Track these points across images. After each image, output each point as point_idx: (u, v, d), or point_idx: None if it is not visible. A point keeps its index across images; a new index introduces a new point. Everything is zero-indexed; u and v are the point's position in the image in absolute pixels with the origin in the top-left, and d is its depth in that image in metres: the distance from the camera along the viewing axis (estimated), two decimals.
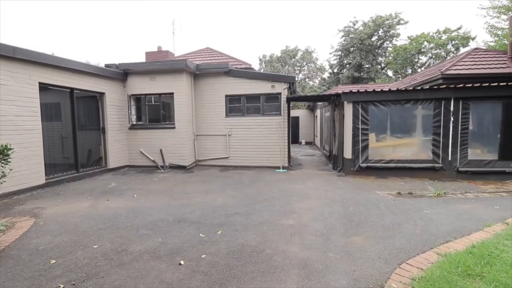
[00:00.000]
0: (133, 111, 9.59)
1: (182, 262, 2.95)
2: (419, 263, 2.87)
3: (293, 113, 20.67)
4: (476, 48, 11.33)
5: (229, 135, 9.54)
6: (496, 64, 9.34)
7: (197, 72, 9.37)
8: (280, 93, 9.15)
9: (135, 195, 5.85)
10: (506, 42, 9.84)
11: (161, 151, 9.13)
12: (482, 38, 32.04)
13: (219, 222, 4.17)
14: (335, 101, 8.87)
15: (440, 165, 7.14)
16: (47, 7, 52.80)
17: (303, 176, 7.85)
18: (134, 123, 9.58)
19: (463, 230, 3.70)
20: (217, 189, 6.39)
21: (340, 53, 30.57)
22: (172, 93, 9.01)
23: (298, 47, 36.16)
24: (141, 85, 9.25)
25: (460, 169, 7.03)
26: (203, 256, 3.10)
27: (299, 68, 36.50)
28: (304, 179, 7.40)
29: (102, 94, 8.50)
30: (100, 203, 5.31)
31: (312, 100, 16.12)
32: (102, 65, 9.47)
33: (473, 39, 22.84)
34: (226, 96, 9.53)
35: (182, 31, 51.97)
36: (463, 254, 2.98)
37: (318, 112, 16.30)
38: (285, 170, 8.81)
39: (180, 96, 8.95)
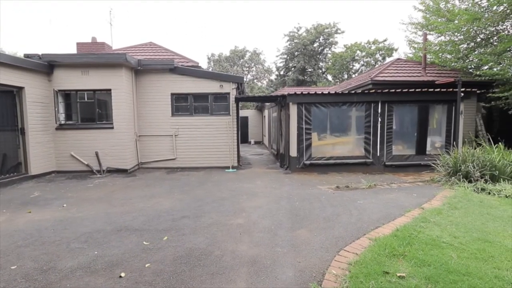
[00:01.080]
0: (61, 109, 8.44)
1: (122, 275, 2.72)
2: (355, 249, 3.18)
3: (242, 113, 20.88)
4: (398, 59, 13.11)
5: (175, 135, 9.13)
6: (413, 73, 10.97)
7: (139, 67, 8.73)
8: (228, 93, 9.14)
9: (65, 205, 5.16)
10: (421, 55, 11.63)
11: (97, 153, 8.24)
12: (403, 50, 37.20)
13: (165, 228, 3.96)
14: (281, 102, 9.25)
15: (371, 160, 8.07)
16: None
17: (252, 175, 7.99)
18: (63, 122, 8.44)
19: (389, 216, 4.23)
20: (163, 192, 6.06)
21: (286, 56, 32.00)
22: (110, 90, 8.21)
23: (247, 48, 36.68)
24: (71, 80, 8.19)
25: (386, 163, 8.05)
26: (147, 265, 2.90)
27: (247, 69, 37.03)
28: (253, 178, 7.54)
29: (20, 88, 7.27)
30: (19, 216, 4.54)
31: (260, 101, 16.53)
32: (21, 55, 8.09)
33: (396, 50, 26.40)
34: (172, 94, 9.11)
35: (121, 23, 47.75)
36: (389, 237, 3.41)
37: (266, 112, 16.79)
38: (235, 170, 8.85)
39: (119, 93, 8.22)
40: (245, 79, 34.63)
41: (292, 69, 31.50)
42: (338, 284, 2.49)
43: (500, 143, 6.82)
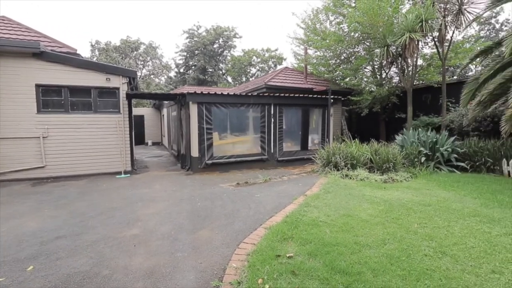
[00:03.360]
0: None
1: None
2: (253, 240, 3.43)
3: (137, 111, 18.89)
4: (286, 67, 14.95)
5: (44, 137, 7.34)
6: (298, 80, 12.75)
7: None
8: (118, 88, 8.06)
9: None
10: (303, 65, 13.65)
11: None
12: (290, 60, 42.72)
13: (30, 255, 3.12)
14: (181, 100, 8.91)
15: (266, 156, 8.89)
16: None
17: (149, 179, 7.35)
18: None
19: (281, 205, 4.77)
20: (27, 210, 4.76)
21: (185, 54, 31.06)
22: None
23: (141, 40, 33.33)
24: None
25: (279, 159, 9.06)
26: None
27: (142, 62, 33.76)
28: (151, 182, 6.96)
29: None
30: None
31: (157, 99, 15.42)
32: None
33: (285, 59, 30.09)
34: (38, 86, 7.27)
35: None
36: (280, 224, 3.85)
37: (165, 111, 15.79)
38: (128, 175, 7.91)
39: None
40: (139, 74, 31.48)
41: (193, 67, 30.91)
42: (238, 276, 2.62)
43: (356, 139, 8.83)
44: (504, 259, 2.85)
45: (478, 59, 8.25)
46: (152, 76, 34.15)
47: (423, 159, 7.57)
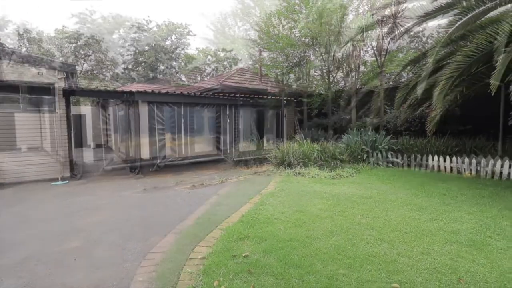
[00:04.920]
0: None
1: None
2: (208, 242, 3.37)
3: (77, 110, 17.02)
4: (241, 68, 15.04)
5: None
6: (253, 81, 12.92)
7: None
8: (53, 84, 7.17)
9: None
10: (258, 66, 13.88)
11: None
12: (246, 61, 43.01)
13: None
14: (129, 99, 8.30)
15: (223, 157, 8.84)
16: None
17: (93, 185, 6.69)
18: None
19: (238, 205, 4.77)
20: None
21: (134, 49, 29.06)
22: None
23: (82, 31, 30.06)
24: None
25: (235, 159, 9.08)
26: None
27: (83, 57, 30.50)
28: (94, 189, 6.34)
29: None
30: None
31: (101, 97, 14.06)
32: None
33: (240, 60, 30.18)
34: None
35: None
36: (237, 224, 3.86)
37: (111, 110, 14.52)
38: (67, 182, 7.08)
39: None
40: (79, 69, 28.48)
41: (143, 64, 29.09)
42: (193, 281, 2.55)
43: (307, 138, 9.31)
44: (430, 241, 3.29)
45: (409, 67, 9.42)
46: (95, 71, 31.10)
47: (365, 156, 8.33)
